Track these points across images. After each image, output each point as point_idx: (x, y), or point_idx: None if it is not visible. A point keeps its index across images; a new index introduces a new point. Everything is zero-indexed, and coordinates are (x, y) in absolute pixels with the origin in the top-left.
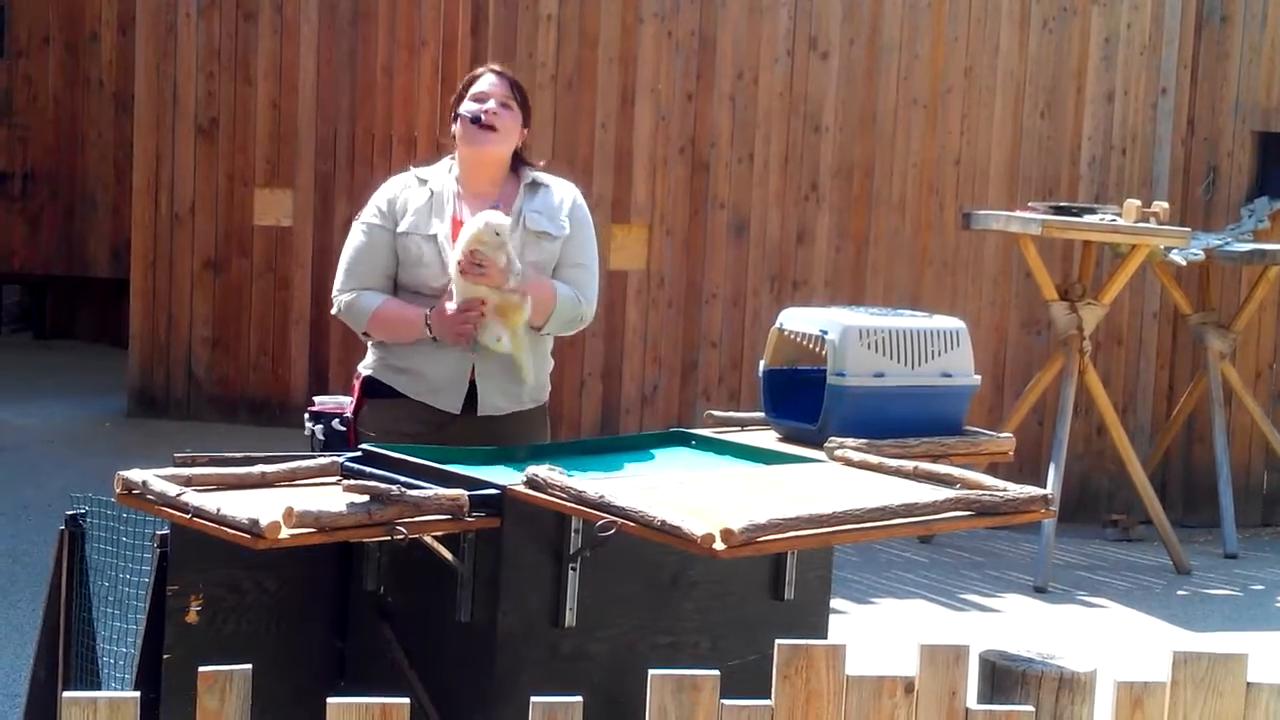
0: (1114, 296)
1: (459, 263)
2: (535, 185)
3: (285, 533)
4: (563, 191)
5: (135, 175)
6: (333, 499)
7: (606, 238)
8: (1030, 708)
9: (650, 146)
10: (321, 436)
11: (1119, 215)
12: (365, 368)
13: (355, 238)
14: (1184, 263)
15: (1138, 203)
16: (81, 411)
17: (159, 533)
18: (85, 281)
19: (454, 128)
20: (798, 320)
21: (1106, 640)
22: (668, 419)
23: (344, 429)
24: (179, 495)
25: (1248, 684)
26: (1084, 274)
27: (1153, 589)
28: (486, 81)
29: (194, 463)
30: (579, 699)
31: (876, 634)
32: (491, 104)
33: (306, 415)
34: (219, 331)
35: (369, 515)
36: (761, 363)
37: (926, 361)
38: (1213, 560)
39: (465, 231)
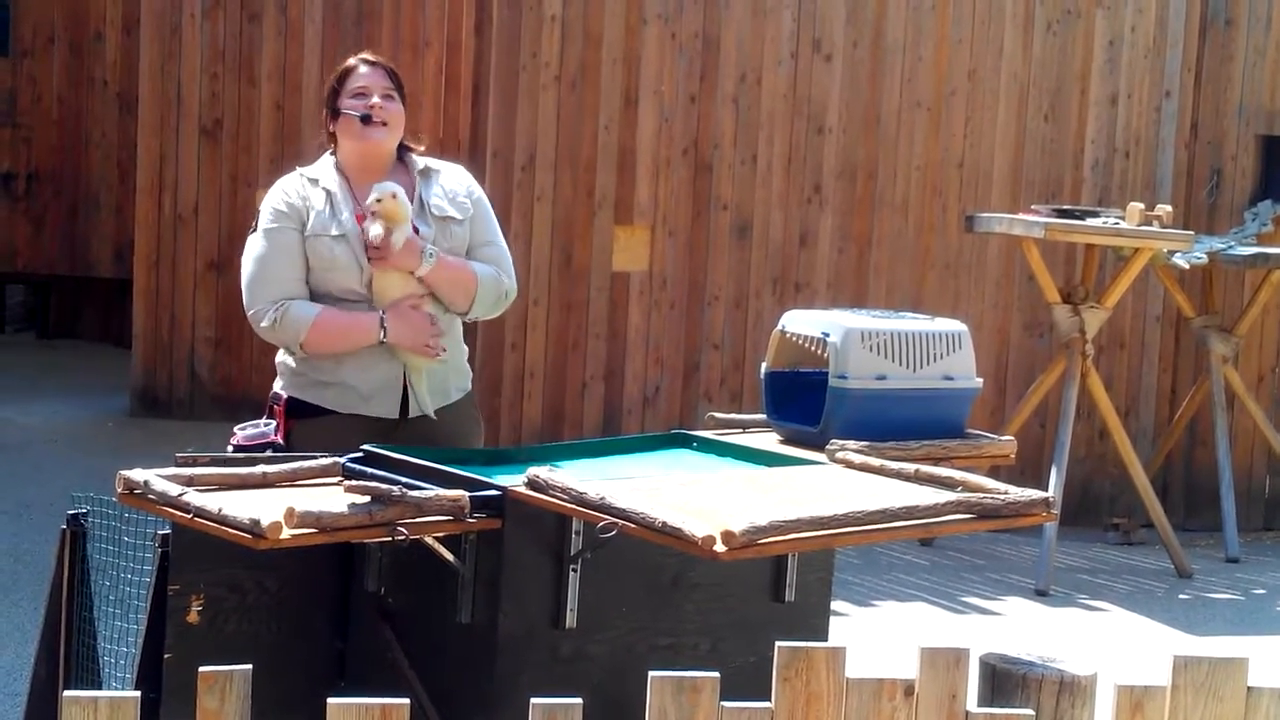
0: (1117, 300)
1: (368, 247)
2: (428, 171)
3: (286, 533)
4: (455, 175)
5: (139, 175)
6: (334, 499)
7: (609, 239)
8: (1030, 711)
9: (653, 147)
10: None
11: (1122, 219)
12: (284, 389)
13: (259, 247)
14: (1187, 266)
15: (1141, 206)
16: (84, 411)
17: (160, 532)
18: (89, 281)
19: (331, 125)
20: (800, 322)
21: (1107, 644)
22: (670, 420)
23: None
24: (180, 495)
25: (1248, 688)
26: (1087, 277)
27: (1154, 593)
28: (363, 75)
29: (195, 463)
30: (579, 701)
31: (877, 636)
32: (376, 99)
33: (230, 448)
34: (221, 332)
35: (370, 516)
36: (763, 365)
37: (928, 364)
38: (1214, 564)
39: (370, 208)
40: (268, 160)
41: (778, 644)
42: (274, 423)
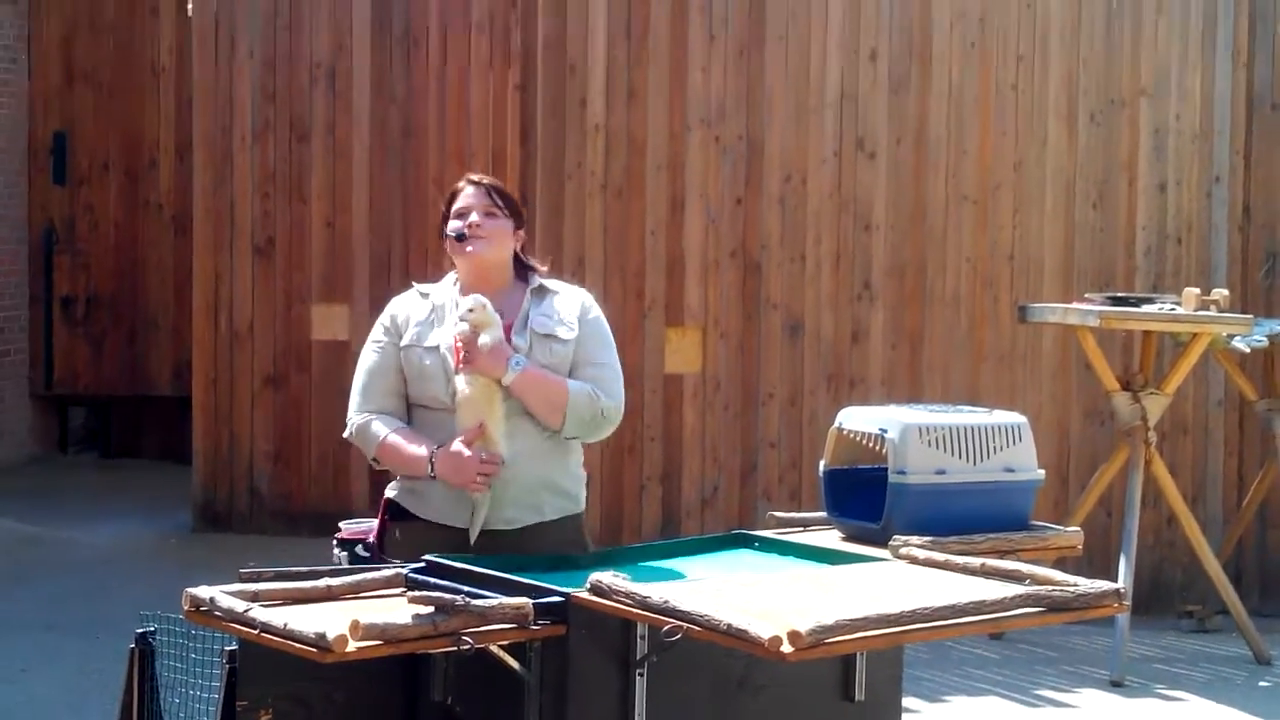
0: (1177, 386)
1: (454, 350)
2: (543, 290)
3: (352, 646)
4: (572, 296)
5: (195, 295)
6: (398, 611)
7: (661, 342)
8: None
9: (701, 251)
10: (347, 562)
11: (1178, 304)
12: (390, 489)
13: (365, 358)
14: (1247, 350)
15: (1197, 291)
16: (148, 528)
17: (227, 648)
18: (149, 400)
19: (446, 246)
20: (857, 419)
21: None
22: (729, 520)
23: (368, 555)
24: (246, 611)
25: None
26: (1145, 364)
27: (1233, 680)
28: (466, 195)
29: (259, 578)
30: None
31: None
32: (474, 216)
33: (334, 541)
34: (280, 446)
35: (434, 626)
36: (822, 463)
37: (989, 457)
38: None
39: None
40: (319, 276)
41: None
42: (372, 521)
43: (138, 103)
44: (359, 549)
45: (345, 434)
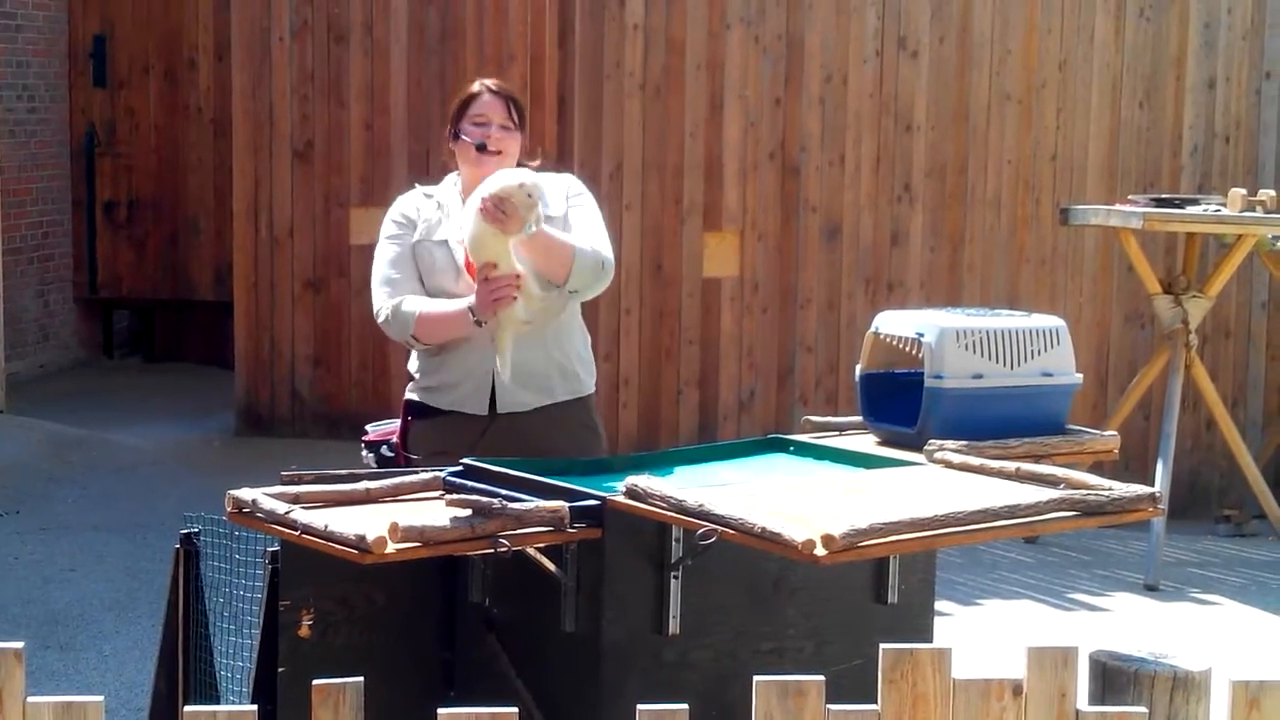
0: (1220, 288)
1: (482, 200)
2: None
3: (391, 548)
4: (560, 181)
5: (235, 200)
6: (436, 514)
7: (699, 246)
8: (1143, 709)
9: (740, 152)
10: (375, 464)
11: (1223, 205)
12: (409, 390)
13: (384, 252)
14: None
15: (1243, 191)
16: (191, 431)
17: (270, 549)
18: (191, 305)
19: (452, 145)
20: (893, 323)
21: (1221, 638)
22: (765, 424)
23: (392, 455)
24: (287, 513)
25: None
26: (1188, 267)
27: (1269, 584)
28: (483, 103)
29: (300, 480)
30: (685, 707)
31: (983, 636)
32: (493, 128)
33: (362, 443)
34: (320, 350)
35: (472, 529)
36: (858, 367)
37: (1026, 361)
38: None
39: (493, 181)
40: (359, 180)
41: (882, 646)
42: (397, 422)
43: (176, 4)
44: (383, 449)
45: (380, 319)
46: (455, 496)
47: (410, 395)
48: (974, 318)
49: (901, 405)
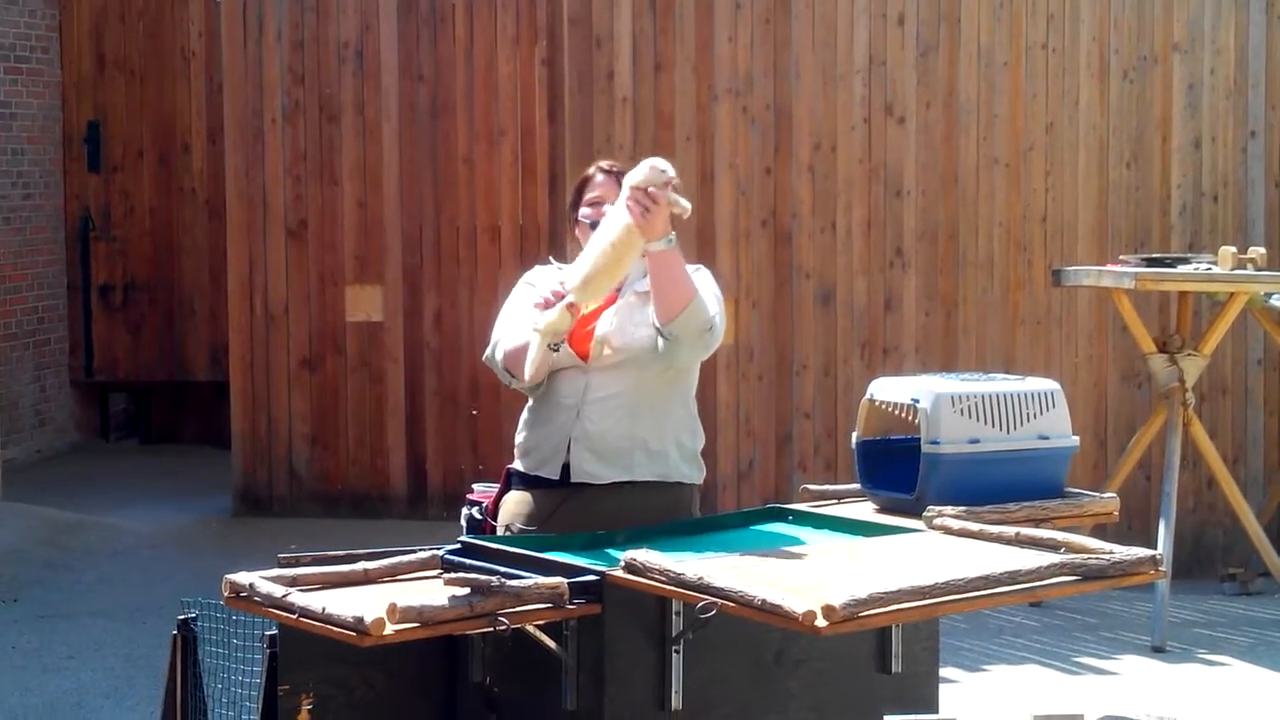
0: (1215, 346)
1: (631, 190)
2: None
3: (390, 629)
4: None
5: (230, 279)
6: (434, 593)
7: None
8: None
9: (732, 221)
10: (463, 523)
11: (1214, 263)
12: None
13: (508, 308)
14: None
15: (1233, 249)
16: (188, 513)
17: (268, 633)
18: (187, 386)
19: (575, 230)
20: (888, 390)
21: (1230, 700)
22: (765, 493)
23: (481, 518)
24: (285, 596)
25: None
26: (1182, 325)
27: (1277, 644)
28: (598, 184)
29: (298, 562)
30: None
31: (989, 702)
32: (607, 208)
33: (466, 500)
34: (317, 428)
35: (470, 607)
36: (854, 434)
37: (1022, 425)
38: None
39: (631, 176)
40: (353, 257)
41: (886, 718)
42: (497, 488)
43: (169, 89)
44: (474, 511)
45: (484, 357)
46: (453, 575)
47: (511, 465)
48: (969, 382)
49: (899, 472)
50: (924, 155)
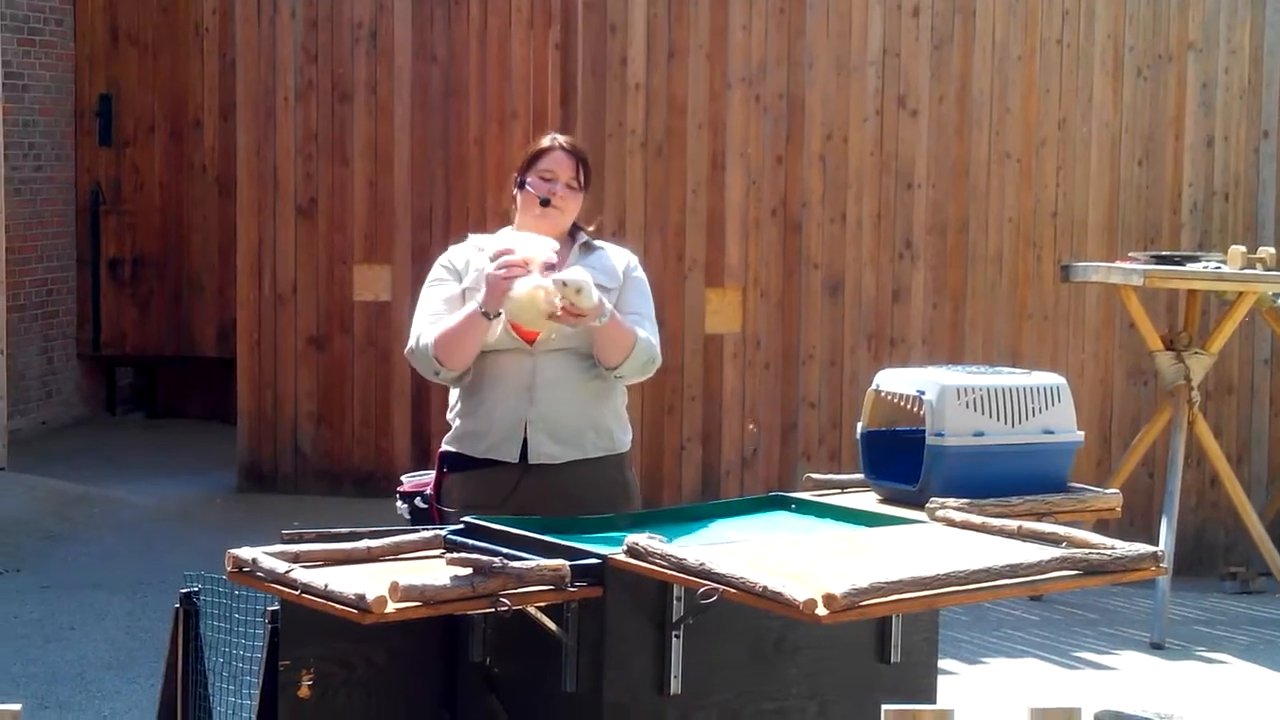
0: (1222, 345)
1: (561, 309)
2: (589, 246)
3: (391, 607)
4: (619, 255)
5: (239, 257)
6: (437, 572)
7: (701, 302)
8: None
9: (742, 209)
10: (408, 515)
11: (1223, 262)
12: (445, 441)
13: (428, 294)
14: None
15: (1243, 249)
16: (193, 488)
17: (270, 609)
18: (194, 362)
19: (515, 193)
20: (894, 381)
21: (1228, 697)
22: (769, 481)
23: (425, 506)
24: (287, 572)
25: None
26: (1189, 323)
27: (1276, 643)
28: (555, 159)
29: (301, 539)
30: None
31: (987, 695)
32: (559, 185)
33: (397, 494)
34: (323, 407)
35: (472, 588)
36: (859, 425)
37: (1027, 419)
38: None
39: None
40: (362, 237)
41: (884, 707)
42: (433, 474)
43: (182, 64)
44: (417, 501)
45: (406, 351)
46: (456, 555)
47: (446, 446)
48: (975, 375)
49: (903, 463)
50: (936, 148)
